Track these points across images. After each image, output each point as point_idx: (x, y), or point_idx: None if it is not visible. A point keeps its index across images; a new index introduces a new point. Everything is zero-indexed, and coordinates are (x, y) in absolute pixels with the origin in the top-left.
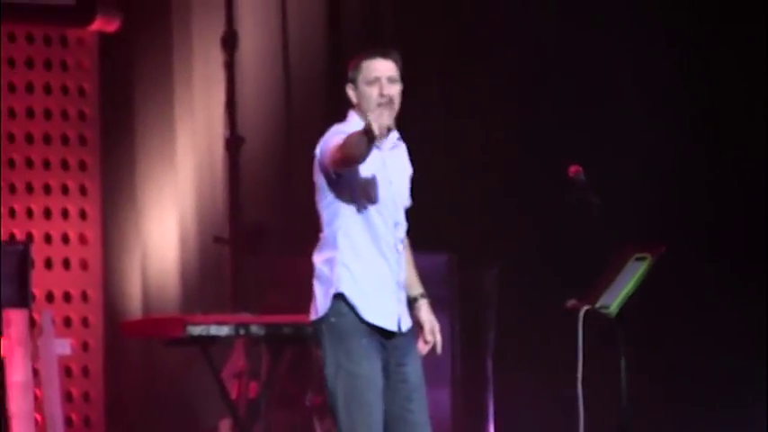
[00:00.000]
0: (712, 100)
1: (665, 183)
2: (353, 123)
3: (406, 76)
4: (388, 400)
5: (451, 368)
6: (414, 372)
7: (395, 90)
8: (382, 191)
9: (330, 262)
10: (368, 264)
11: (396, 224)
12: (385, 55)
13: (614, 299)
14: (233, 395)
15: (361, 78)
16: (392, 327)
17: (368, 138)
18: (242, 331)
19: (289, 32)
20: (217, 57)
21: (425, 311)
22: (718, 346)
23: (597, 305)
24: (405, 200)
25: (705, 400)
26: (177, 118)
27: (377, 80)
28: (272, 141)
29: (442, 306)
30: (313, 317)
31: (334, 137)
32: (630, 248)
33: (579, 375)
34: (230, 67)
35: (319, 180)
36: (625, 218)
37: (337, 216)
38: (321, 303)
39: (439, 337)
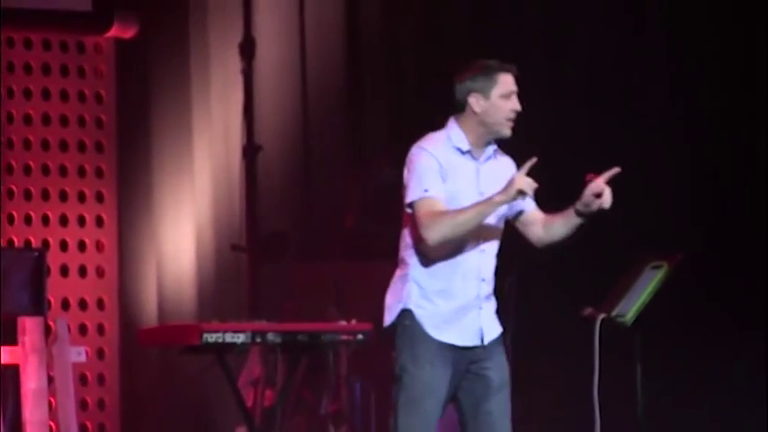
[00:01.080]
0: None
1: (682, 190)
2: (453, 135)
3: (428, 84)
4: (466, 402)
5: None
6: (496, 374)
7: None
8: (465, 200)
9: (403, 277)
10: (442, 280)
11: (481, 240)
12: (515, 71)
13: (630, 307)
14: (249, 403)
15: (496, 90)
16: (466, 342)
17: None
18: (258, 339)
19: (306, 40)
20: (234, 64)
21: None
22: (736, 355)
23: (613, 313)
24: (501, 208)
25: (722, 409)
26: (194, 125)
27: (512, 94)
28: (289, 149)
29: None
30: (385, 323)
31: (427, 175)
32: (647, 256)
33: (595, 383)
34: (248, 74)
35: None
36: (642, 226)
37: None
38: (391, 312)
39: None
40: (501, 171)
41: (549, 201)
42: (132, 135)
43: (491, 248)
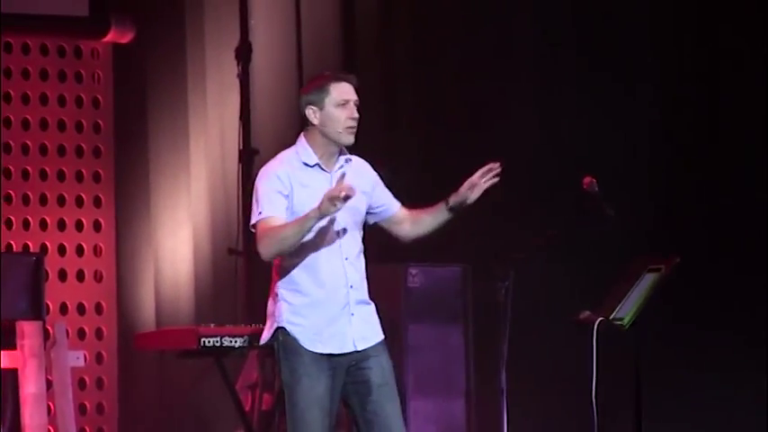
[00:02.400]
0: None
1: (679, 192)
2: (301, 151)
3: (423, 87)
4: (352, 405)
5: (465, 380)
6: (375, 373)
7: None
8: (322, 222)
9: (274, 296)
10: (308, 293)
11: (337, 239)
12: (350, 80)
13: (628, 311)
14: (246, 407)
15: (328, 101)
16: (341, 350)
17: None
18: (255, 342)
19: (303, 44)
20: (231, 68)
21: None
22: (734, 358)
23: (611, 317)
24: (359, 214)
25: (721, 412)
26: (191, 130)
27: (347, 103)
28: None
29: (455, 318)
30: (262, 341)
31: (266, 197)
32: (644, 260)
33: (593, 387)
34: (244, 78)
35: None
36: (639, 229)
37: None
38: (267, 332)
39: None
40: (357, 175)
41: (540, 206)
42: (130, 140)
43: (353, 254)
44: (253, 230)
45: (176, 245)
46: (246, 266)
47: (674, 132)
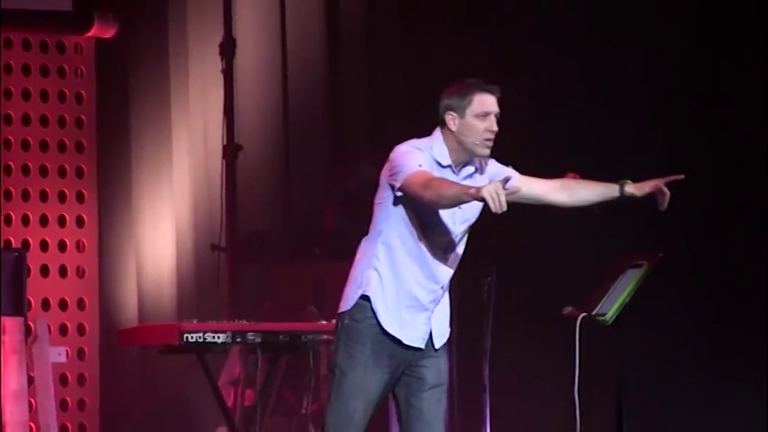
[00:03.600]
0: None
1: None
2: (436, 148)
3: (408, 83)
4: (399, 395)
5: (448, 375)
6: (430, 373)
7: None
8: (445, 218)
9: (364, 262)
10: (399, 278)
11: (449, 246)
12: (494, 92)
13: (611, 306)
14: (229, 402)
15: (470, 110)
16: (411, 342)
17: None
18: (238, 339)
19: (287, 39)
20: (214, 64)
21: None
22: (716, 352)
23: (594, 312)
24: (472, 222)
25: (703, 406)
26: (174, 125)
27: (487, 116)
28: (269, 149)
29: None
30: (340, 309)
31: (417, 160)
32: (627, 256)
33: (576, 382)
34: (228, 74)
35: (383, 180)
36: (622, 224)
37: (386, 221)
38: (347, 299)
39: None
40: (485, 180)
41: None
42: (112, 135)
43: (456, 257)
44: (399, 193)
45: (159, 240)
46: (229, 262)
47: (664, 128)
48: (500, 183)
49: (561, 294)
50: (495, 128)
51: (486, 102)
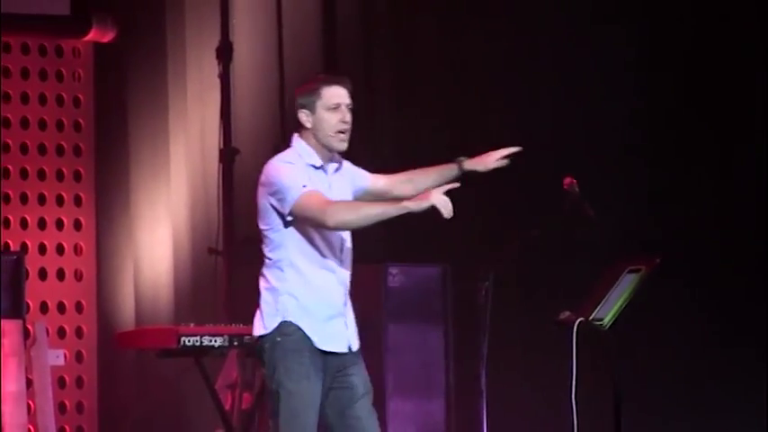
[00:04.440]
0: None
1: (661, 192)
2: (303, 153)
3: (403, 88)
4: (331, 410)
5: (445, 379)
6: (359, 381)
7: (350, 117)
8: None
9: (274, 291)
10: (316, 292)
11: (342, 244)
12: (343, 83)
13: (608, 311)
14: (226, 406)
15: (320, 104)
16: (343, 349)
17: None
18: (235, 342)
19: (284, 43)
20: (211, 67)
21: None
22: (714, 356)
23: (591, 317)
24: None
25: (702, 410)
26: (171, 129)
27: (338, 107)
28: (266, 153)
29: (435, 318)
30: (258, 333)
31: (298, 178)
32: (624, 260)
33: (573, 387)
34: (225, 77)
35: (265, 204)
36: (620, 229)
37: (283, 245)
38: (265, 324)
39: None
40: (344, 178)
41: (521, 206)
42: (110, 139)
43: (349, 254)
44: (290, 218)
45: (156, 244)
46: (226, 266)
47: (657, 131)
48: (441, 189)
49: (558, 299)
50: (349, 119)
51: (336, 93)
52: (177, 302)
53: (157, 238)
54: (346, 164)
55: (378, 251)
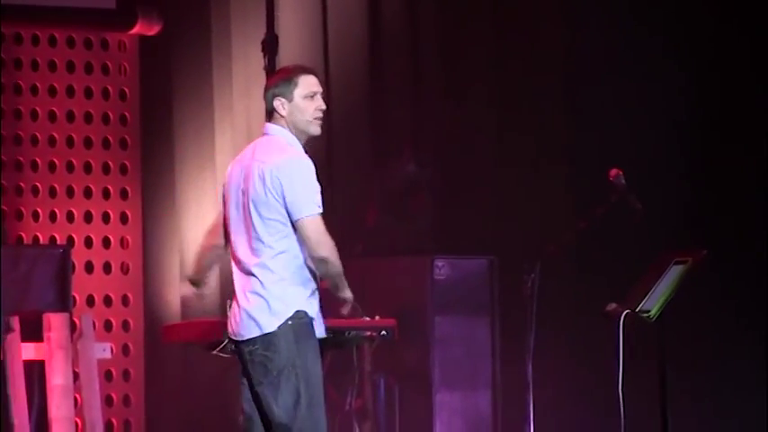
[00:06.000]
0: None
1: (708, 185)
2: (291, 140)
3: (449, 81)
4: None
5: (492, 372)
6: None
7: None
8: None
9: (281, 282)
10: (311, 283)
11: None
12: (316, 73)
13: (654, 303)
14: None
15: (297, 92)
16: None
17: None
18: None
19: (329, 36)
20: (257, 60)
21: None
22: (762, 348)
23: (637, 309)
24: None
25: (749, 403)
26: (217, 122)
27: (315, 95)
28: (310, 147)
29: (482, 310)
30: (273, 328)
31: (317, 196)
32: (671, 252)
33: (620, 379)
34: (270, 71)
35: (276, 205)
36: (667, 221)
37: (290, 234)
38: (279, 315)
39: None
40: None
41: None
42: (156, 132)
43: None
44: (305, 218)
45: (202, 236)
46: None
47: (702, 124)
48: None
49: (605, 291)
50: (324, 106)
51: (311, 82)
52: (223, 295)
53: (204, 231)
54: None
55: (424, 244)
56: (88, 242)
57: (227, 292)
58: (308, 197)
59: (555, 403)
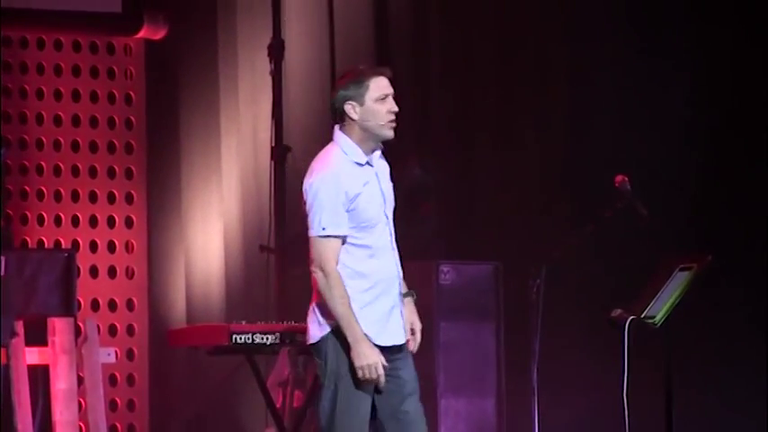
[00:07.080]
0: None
1: (713, 190)
2: (349, 150)
3: (455, 84)
4: (380, 403)
5: (497, 378)
6: (408, 375)
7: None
8: (377, 206)
9: None
10: (375, 283)
11: (390, 233)
12: (387, 73)
13: (660, 309)
14: (278, 404)
15: (368, 96)
16: (395, 341)
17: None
18: (287, 340)
19: (336, 41)
20: (263, 65)
21: (410, 310)
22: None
23: (642, 315)
24: (392, 204)
25: (756, 409)
26: (223, 126)
27: (386, 97)
28: (318, 150)
29: (487, 315)
30: (316, 339)
31: (331, 217)
32: (676, 258)
33: (625, 385)
34: (276, 75)
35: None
36: (672, 227)
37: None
38: (324, 325)
39: (418, 337)
40: (385, 173)
41: (573, 204)
42: (162, 136)
43: (395, 245)
44: (310, 236)
45: (208, 241)
46: (278, 263)
47: (707, 130)
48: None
49: (610, 297)
50: (396, 108)
51: (382, 84)
52: (228, 300)
53: (209, 236)
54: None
55: (430, 249)
56: (93, 246)
57: (232, 297)
58: (313, 217)
59: (560, 409)
